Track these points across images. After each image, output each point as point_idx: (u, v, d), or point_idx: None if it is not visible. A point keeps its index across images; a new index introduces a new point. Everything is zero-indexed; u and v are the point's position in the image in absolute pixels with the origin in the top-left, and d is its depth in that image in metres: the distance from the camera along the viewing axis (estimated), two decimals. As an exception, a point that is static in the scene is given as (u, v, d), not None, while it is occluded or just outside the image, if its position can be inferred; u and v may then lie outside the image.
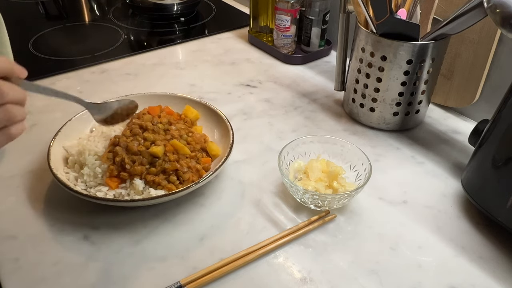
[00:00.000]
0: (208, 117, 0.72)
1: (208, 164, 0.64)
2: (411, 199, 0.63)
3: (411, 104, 0.74)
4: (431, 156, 0.72)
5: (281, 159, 0.61)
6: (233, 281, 0.52)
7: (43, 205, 0.61)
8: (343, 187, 0.60)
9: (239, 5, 1.28)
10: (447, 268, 0.54)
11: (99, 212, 0.59)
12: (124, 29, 1.12)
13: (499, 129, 0.56)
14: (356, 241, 0.57)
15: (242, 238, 0.57)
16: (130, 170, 0.59)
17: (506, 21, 0.52)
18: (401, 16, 0.69)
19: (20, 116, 0.44)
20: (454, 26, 0.63)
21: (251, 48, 1.05)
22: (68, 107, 0.80)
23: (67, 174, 0.61)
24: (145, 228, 0.58)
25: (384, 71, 0.71)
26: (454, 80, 0.79)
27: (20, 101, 0.44)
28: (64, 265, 0.53)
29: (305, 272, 0.53)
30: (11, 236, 0.56)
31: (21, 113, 0.44)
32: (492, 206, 0.57)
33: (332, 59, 1.01)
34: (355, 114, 0.79)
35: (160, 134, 0.63)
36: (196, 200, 0.62)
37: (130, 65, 0.96)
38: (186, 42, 1.07)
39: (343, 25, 0.77)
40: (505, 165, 0.55)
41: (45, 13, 1.23)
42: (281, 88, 0.89)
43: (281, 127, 0.78)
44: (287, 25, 0.95)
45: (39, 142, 0.70)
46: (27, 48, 1.00)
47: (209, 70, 0.95)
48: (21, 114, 0.44)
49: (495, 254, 0.56)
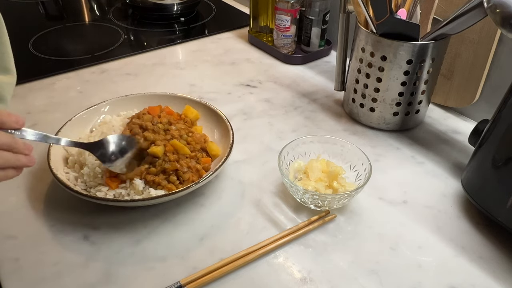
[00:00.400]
0: (208, 117, 0.72)
1: (208, 164, 0.64)
2: (411, 199, 0.63)
3: (411, 104, 0.74)
4: (431, 156, 0.72)
5: (281, 159, 0.61)
6: (233, 281, 0.52)
7: (43, 205, 0.61)
8: (343, 187, 0.60)
9: (239, 5, 1.28)
10: (447, 268, 0.54)
11: (99, 212, 0.59)
12: (124, 29, 1.12)
13: (499, 129, 0.56)
14: (356, 241, 0.57)
15: (242, 238, 0.57)
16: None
17: (506, 21, 0.52)
18: (401, 16, 0.69)
19: (8, 162, 0.45)
20: (454, 26, 0.63)
21: (251, 48, 1.05)
22: (68, 107, 0.80)
23: (67, 174, 0.61)
24: (145, 228, 0.58)
25: (384, 71, 0.71)
26: (454, 80, 0.79)
27: (7, 147, 0.44)
28: (64, 265, 0.53)
29: (305, 272, 0.53)
30: (11, 236, 0.56)
31: (8, 159, 0.44)
32: (492, 206, 0.57)
33: (332, 59, 1.01)
34: (355, 114, 0.79)
35: (160, 134, 0.63)
36: (196, 200, 0.62)
37: (130, 65, 0.96)
38: (186, 42, 1.07)
39: (343, 25, 0.77)
40: (505, 165, 0.55)
41: (45, 13, 1.23)
42: (281, 88, 0.89)
43: (281, 127, 0.78)
44: (287, 25, 0.95)
45: (39, 142, 0.70)
46: (27, 48, 1.00)
47: (209, 70, 0.95)
48: (9, 160, 0.45)
49: (495, 254, 0.56)
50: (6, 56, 0.65)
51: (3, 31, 0.64)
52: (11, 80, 0.66)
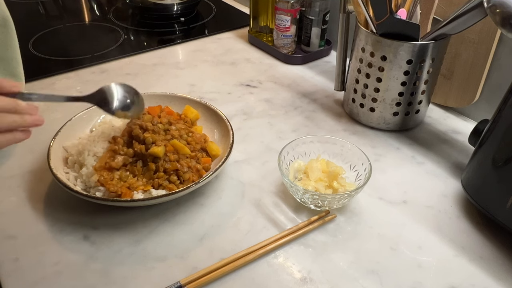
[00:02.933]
0: (208, 117, 0.72)
1: (208, 164, 0.64)
2: (411, 199, 0.63)
3: (411, 104, 0.74)
4: (431, 156, 0.72)
5: (281, 159, 0.61)
6: (233, 281, 0.52)
7: (43, 205, 0.61)
8: (343, 187, 0.60)
9: (239, 5, 1.28)
10: (447, 268, 0.54)
11: (99, 212, 0.59)
12: (124, 29, 1.12)
13: (499, 129, 0.56)
14: (356, 241, 0.57)
15: (242, 238, 0.57)
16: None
17: (506, 21, 0.52)
18: (401, 16, 0.69)
19: (15, 123, 0.45)
20: (454, 26, 0.63)
21: (251, 48, 1.05)
22: (68, 107, 0.80)
23: (67, 174, 0.61)
24: (145, 228, 0.58)
25: (384, 71, 0.71)
26: (454, 80, 0.79)
27: (11, 109, 0.45)
28: (64, 265, 0.53)
29: (305, 272, 0.53)
30: (11, 236, 0.56)
31: (15, 120, 0.45)
32: (492, 206, 0.57)
33: (332, 59, 1.01)
34: (355, 114, 0.79)
35: (160, 134, 0.63)
36: (196, 200, 0.62)
37: (130, 65, 0.96)
38: (186, 42, 1.07)
39: (343, 25, 0.77)
40: (505, 165, 0.55)
41: (45, 13, 1.23)
42: (281, 88, 0.89)
43: (281, 127, 0.78)
44: (287, 25, 0.95)
45: (39, 142, 0.70)
46: (27, 48, 1.00)
47: (209, 70, 0.95)
48: (16, 121, 0.45)
49: (495, 254, 0.56)
50: (14, 61, 0.65)
51: (13, 36, 0.65)
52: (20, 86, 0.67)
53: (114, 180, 0.58)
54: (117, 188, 0.57)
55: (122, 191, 0.57)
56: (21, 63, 0.67)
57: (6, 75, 0.65)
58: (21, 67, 0.67)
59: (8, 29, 0.64)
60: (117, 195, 0.57)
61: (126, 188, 0.58)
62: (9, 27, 0.64)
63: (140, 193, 0.58)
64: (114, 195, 0.57)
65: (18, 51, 0.66)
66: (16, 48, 0.65)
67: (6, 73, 0.65)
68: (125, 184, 0.58)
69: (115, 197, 0.57)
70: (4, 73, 0.65)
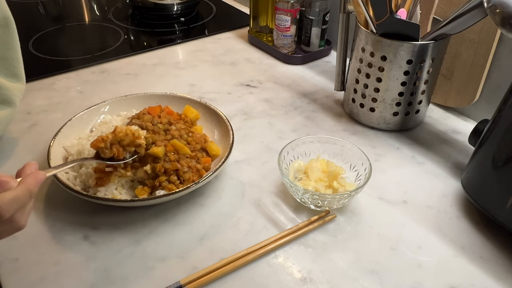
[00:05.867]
0: (208, 117, 0.72)
1: (208, 164, 0.64)
2: (411, 199, 0.63)
3: (411, 104, 0.74)
4: (431, 156, 0.72)
5: (281, 159, 0.61)
6: (233, 281, 0.52)
7: (43, 205, 0.61)
8: (343, 187, 0.60)
9: (239, 5, 1.28)
10: (447, 268, 0.54)
11: (99, 212, 0.59)
12: (124, 29, 1.12)
13: (499, 129, 0.56)
14: (356, 241, 0.57)
15: (242, 238, 0.57)
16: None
17: (506, 21, 0.52)
18: (401, 16, 0.69)
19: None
20: (454, 26, 0.63)
21: (251, 48, 1.05)
22: (68, 107, 0.80)
23: (67, 174, 0.61)
24: (145, 228, 0.58)
25: (384, 71, 0.71)
26: (454, 80, 0.79)
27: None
28: (64, 265, 0.53)
29: (305, 272, 0.53)
30: (11, 236, 0.56)
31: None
32: (492, 206, 0.57)
33: (332, 59, 1.01)
34: (355, 114, 0.79)
35: (160, 134, 0.63)
36: (196, 200, 0.62)
37: (130, 65, 0.96)
38: (186, 42, 1.07)
39: (343, 25, 0.77)
40: (505, 165, 0.55)
41: (45, 13, 1.23)
42: (281, 88, 0.89)
43: (281, 127, 0.78)
44: (287, 25, 0.95)
45: (39, 142, 0.70)
46: (27, 48, 0.99)
47: (209, 70, 0.95)
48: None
49: (495, 254, 0.56)
50: (16, 62, 0.65)
51: (15, 36, 0.65)
52: (21, 86, 0.67)
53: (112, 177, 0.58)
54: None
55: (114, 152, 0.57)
56: (22, 65, 0.67)
57: (7, 74, 0.65)
58: (22, 67, 0.67)
59: (9, 29, 0.64)
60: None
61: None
62: (10, 27, 0.64)
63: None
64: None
65: (19, 51, 0.66)
66: (18, 48, 0.66)
67: (7, 73, 0.65)
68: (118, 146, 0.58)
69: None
70: (6, 72, 0.65)
